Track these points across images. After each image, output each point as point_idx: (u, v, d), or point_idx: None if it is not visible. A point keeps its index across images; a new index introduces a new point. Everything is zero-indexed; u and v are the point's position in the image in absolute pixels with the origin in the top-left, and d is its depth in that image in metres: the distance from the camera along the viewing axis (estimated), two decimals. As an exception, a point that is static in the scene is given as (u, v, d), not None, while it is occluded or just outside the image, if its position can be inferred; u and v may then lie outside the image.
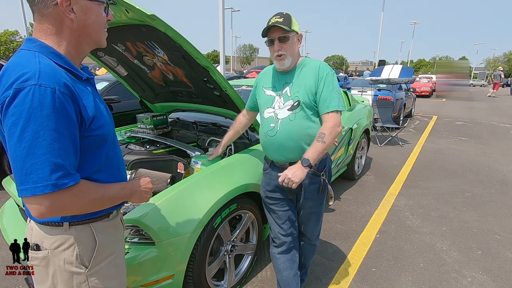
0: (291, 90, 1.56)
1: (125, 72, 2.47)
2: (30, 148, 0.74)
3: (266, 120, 1.63)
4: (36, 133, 0.74)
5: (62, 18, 0.85)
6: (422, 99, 16.18)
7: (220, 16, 8.70)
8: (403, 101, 8.14)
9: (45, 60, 0.81)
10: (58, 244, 0.91)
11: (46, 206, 0.78)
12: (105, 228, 0.99)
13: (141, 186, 1.05)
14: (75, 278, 0.93)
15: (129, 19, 1.67)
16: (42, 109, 0.74)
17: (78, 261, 0.92)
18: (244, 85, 3.20)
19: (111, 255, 1.00)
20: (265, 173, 1.76)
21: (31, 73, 0.76)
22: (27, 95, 0.74)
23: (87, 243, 0.94)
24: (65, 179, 0.78)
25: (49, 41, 0.86)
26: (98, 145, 0.91)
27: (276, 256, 1.80)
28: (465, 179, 4.26)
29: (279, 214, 1.73)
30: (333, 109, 1.49)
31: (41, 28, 0.85)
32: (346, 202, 3.48)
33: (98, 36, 0.94)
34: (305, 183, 1.62)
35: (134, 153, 2.18)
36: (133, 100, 4.18)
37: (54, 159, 0.76)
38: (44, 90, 0.75)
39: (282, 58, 1.54)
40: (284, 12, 1.53)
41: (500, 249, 2.61)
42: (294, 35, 1.54)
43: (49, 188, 0.76)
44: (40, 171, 0.75)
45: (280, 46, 1.52)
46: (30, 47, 0.83)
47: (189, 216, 1.59)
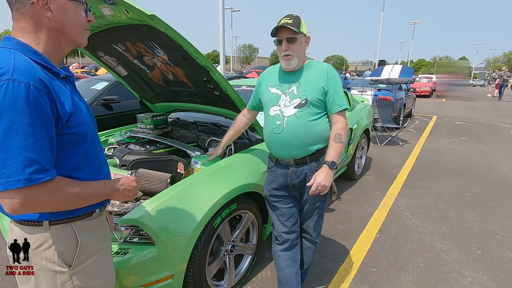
0: (298, 89, 1.61)
1: (125, 72, 2.48)
2: (2, 143, 0.74)
3: (272, 118, 1.66)
4: (8, 127, 0.74)
5: (39, 17, 0.85)
6: (422, 99, 16.18)
7: (220, 16, 8.71)
8: (403, 101, 8.13)
9: (21, 57, 0.81)
10: (39, 244, 0.90)
11: (19, 201, 0.77)
12: (88, 227, 0.98)
13: (123, 185, 1.04)
14: (59, 277, 0.92)
15: (129, 19, 1.67)
16: (15, 104, 0.74)
17: (60, 260, 0.92)
18: (244, 85, 3.20)
19: (95, 254, 1.00)
20: (270, 171, 1.79)
21: (5, 69, 0.76)
22: (0, 89, 0.74)
23: (69, 242, 0.93)
24: (39, 174, 0.77)
25: (26, 40, 0.86)
26: (76, 143, 0.90)
27: (278, 254, 1.81)
28: (465, 179, 4.26)
29: (282, 212, 1.76)
30: (343, 108, 1.60)
31: (18, 27, 0.86)
32: (346, 202, 3.48)
33: (77, 35, 0.94)
34: (309, 179, 1.64)
35: (134, 153, 2.18)
36: (133, 100, 4.18)
37: (27, 153, 0.75)
38: (18, 85, 0.75)
39: (289, 58, 1.59)
40: (294, 14, 1.59)
41: (500, 249, 2.61)
42: (302, 37, 1.59)
43: (21, 183, 0.75)
44: (13, 166, 0.74)
45: (288, 47, 1.57)
46: (6, 45, 0.84)
47: (189, 216, 1.59)
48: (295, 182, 1.68)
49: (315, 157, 1.65)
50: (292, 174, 1.67)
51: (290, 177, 1.68)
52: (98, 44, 2.15)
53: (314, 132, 1.59)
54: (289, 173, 1.68)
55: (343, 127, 1.58)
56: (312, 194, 1.51)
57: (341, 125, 1.58)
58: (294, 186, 1.70)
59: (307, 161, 1.64)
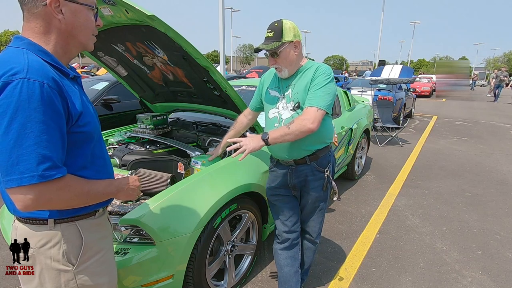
0: (293, 92, 1.60)
1: (125, 72, 2.48)
2: (17, 140, 0.75)
3: (271, 120, 1.67)
4: (23, 125, 0.75)
5: (50, 18, 0.86)
6: (422, 99, 16.18)
7: (220, 16, 8.70)
8: (403, 101, 8.13)
9: (34, 57, 0.82)
10: (44, 242, 0.91)
11: (31, 197, 0.78)
12: (92, 226, 0.99)
13: (128, 184, 1.05)
14: (63, 276, 0.93)
15: (129, 19, 1.67)
16: (30, 102, 0.75)
17: (64, 259, 0.92)
18: (244, 85, 3.20)
19: (99, 253, 1.01)
20: (271, 171, 1.80)
21: (20, 67, 0.77)
22: (15, 87, 0.75)
23: (74, 241, 0.94)
24: (52, 171, 0.78)
25: (36, 40, 0.87)
26: (84, 141, 0.92)
27: (279, 252, 1.82)
28: (465, 179, 4.26)
29: (283, 211, 1.77)
30: (312, 105, 1.47)
31: (29, 27, 0.87)
32: (346, 202, 3.48)
33: (85, 39, 0.95)
34: (309, 179, 1.67)
35: (134, 153, 2.18)
36: (133, 100, 4.18)
37: (41, 150, 0.76)
38: (33, 83, 0.76)
39: (278, 70, 1.60)
40: (276, 23, 1.51)
41: (500, 249, 2.61)
42: (287, 46, 1.52)
43: (35, 179, 0.76)
44: (27, 162, 0.75)
45: (274, 61, 1.57)
46: (19, 45, 0.85)
47: (189, 216, 1.59)
48: (295, 182, 1.69)
49: (315, 157, 1.64)
50: (291, 174, 1.68)
51: (290, 177, 1.69)
52: (98, 44, 2.13)
53: (312, 134, 1.54)
54: (289, 173, 1.68)
55: (301, 118, 1.46)
56: (229, 149, 1.53)
57: (301, 117, 1.47)
58: (294, 186, 1.71)
59: (307, 161, 1.64)
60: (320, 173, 1.66)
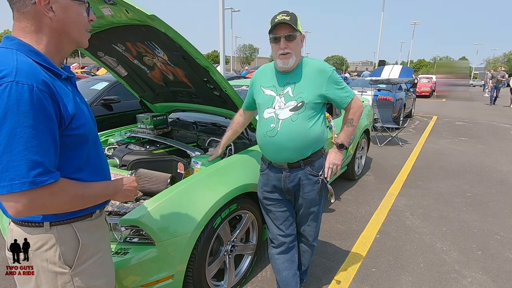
0: (294, 90, 1.54)
1: (125, 72, 2.48)
2: (7, 146, 0.73)
3: (266, 120, 1.59)
4: (12, 130, 0.73)
5: (41, 17, 0.84)
6: (422, 99, 16.18)
7: (220, 16, 8.70)
8: (403, 101, 8.13)
9: (23, 58, 0.80)
10: (40, 245, 0.90)
11: (24, 204, 0.76)
12: (88, 228, 0.98)
13: (125, 185, 1.04)
14: (60, 278, 0.92)
15: (129, 19, 1.67)
16: (19, 106, 0.73)
17: (61, 261, 0.91)
18: (244, 85, 3.20)
19: (96, 254, 1.00)
20: (263, 173, 1.74)
21: (8, 70, 0.75)
22: (4, 91, 0.73)
23: (70, 243, 0.93)
24: (43, 177, 0.77)
25: (28, 39, 0.85)
26: (78, 144, 0.90)
27: (275, 257, 1.79)
28: (465, 179, 4.26)
29: (277, 215, 1.73)
30: (351, 98, 1.60)
31: (19, 27, 0.85)
32: (346, 202, 3.47)
33: (79, 35, 0.93)
34: (303, 183, 1.62)
35: (134, 153, 2.18)
36: (133, 100, 4.18)
37: (31, 156, 0.75)
38: (22, 87, 0.74)
39: (287, 57, 1.50)
40: (290, 11, 1.50)
41: (500, 249, 2.61)
42: (299, 35, 1.53)
43: (26, 185, 0.75)
44: (17, 168, 0.74)
45: (286, 44, 1.48)
46: (8, 45, 0.83)
47: (189, 216, 1.59)
48: (289, 186, 1.64)
49: (310, 161, 1.59)
50: (285, 179, 1.63)
51: (283, 182, 1.63)
52: (98, 44, 2.15)
53: (310, 135, 1.53)
54: (283, 178, 1.63)
55: (355, 111, 1.61)
56: (327, 175, 1.60)
57: (353, 111, 1.61)
58: (288, 190, 1.66)
59: (301, 165, 1.59)
60: (314, 177, 1.61)
